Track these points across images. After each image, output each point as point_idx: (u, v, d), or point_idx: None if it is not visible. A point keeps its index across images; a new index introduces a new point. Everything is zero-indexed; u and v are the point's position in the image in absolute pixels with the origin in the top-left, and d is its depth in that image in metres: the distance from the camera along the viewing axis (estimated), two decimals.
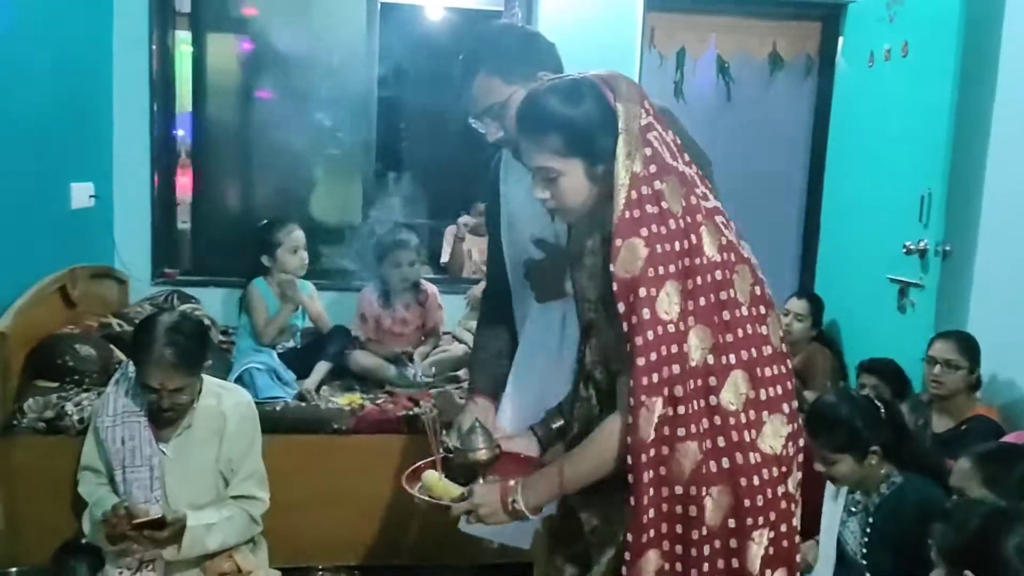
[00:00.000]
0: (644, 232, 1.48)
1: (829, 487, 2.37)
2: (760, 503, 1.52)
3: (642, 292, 1.47)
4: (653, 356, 1.46)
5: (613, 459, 1.52)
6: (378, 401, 2.96)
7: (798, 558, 1.64)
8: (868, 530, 2.22)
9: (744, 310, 1.57)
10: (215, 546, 2.35)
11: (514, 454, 1.81)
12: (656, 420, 1.47)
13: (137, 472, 2.35)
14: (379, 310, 3.38)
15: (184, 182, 4.00)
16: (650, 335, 1.46)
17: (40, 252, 3.00)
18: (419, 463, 1.87)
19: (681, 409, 1.48)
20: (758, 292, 1.60)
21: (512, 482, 1.64)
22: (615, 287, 1.48)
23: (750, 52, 4.28)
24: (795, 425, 1.61)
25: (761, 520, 1.53)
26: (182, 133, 3.97)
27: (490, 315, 2.20)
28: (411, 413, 2.83)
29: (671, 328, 1.48)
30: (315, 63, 3.98)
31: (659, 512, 1.49)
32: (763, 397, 1.55)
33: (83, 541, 2.51)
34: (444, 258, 4.18)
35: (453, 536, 2.27)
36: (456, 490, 1.72)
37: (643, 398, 1.47)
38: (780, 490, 1.56)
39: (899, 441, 2.24)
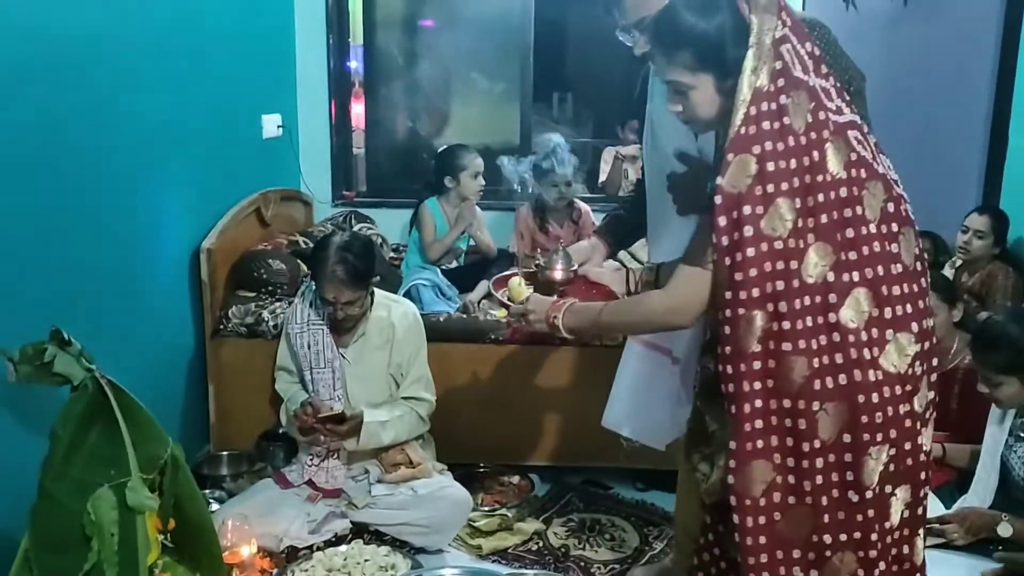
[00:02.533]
0: (757, 149, 1.47)
1: (994, 409, 2.28)
2: (879, 420, 1.51)
3: (747, 210, 1.47)
4: (753, 272, 1.47)
5: (643, 324, 1.69)
6: None
7: (922, 475, 1.62)
8: None
9: (872, 227, 1.53)
10: (389, 440, 2.59)
11: (597, 284, 1.97)
12: (760, 333, 1.48)
13: (322, 373, 2.63)
14: (534, 228, 3.50)
15: (358, 111, 4.21)
16: (750, 252, 1.47)
17: (238, 178, 3.30)
18: (509, 271, 2.12)
19: (787, 324, 1.48)
20: (891, 209, 1.56)
21: (563, 301, 1.80)
22: (718, 200, 1.48)
23: None
24: (925, 344, 1.58)
25: (880, 436, 1.52)
26: (355, 64, 4.16)
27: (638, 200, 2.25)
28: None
29: (778, 245, 1.48)
30: None
31: (767, 424, 1.51)
32: (888, 315, 1.53)
33: (280, 431, 2.84)
34: (602, 177, 4.24)
35: (601, 440, 2.41)
36: (523, 296, 1.94)
37: (741, 311, 1.49)
38: (903, 408, 1.54)
39: None
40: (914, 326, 1.56)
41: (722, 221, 1.49)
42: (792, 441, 1.52)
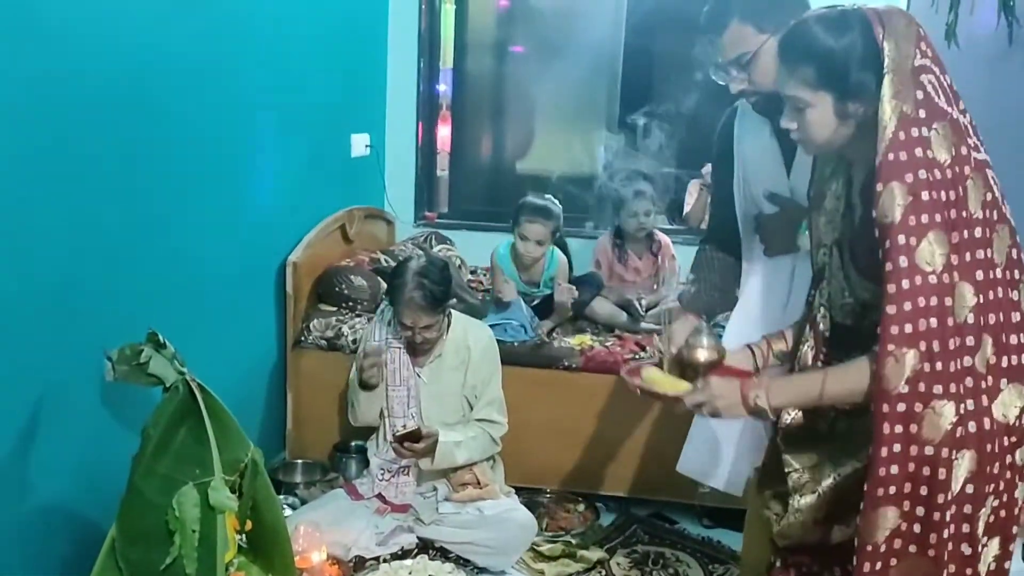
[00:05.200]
0: (908, 177, 1.39)
1: None
2: (996, 471, 1.46)
3: (900, 240, 1.38)
4: (907, 306, 1.38)
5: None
6: (607, 344, 3.07)
7: (1013, 529, 1.54)
8: None
9: (999, 272, 1.46)
10: (462, 460, 2.62)
11: (729, 366, 1.76)
12: (909, 373, 1.39)
13: (398, 391, 2.68)
14: (613, 258, 3.49)
15: (444, 133, 4.29)
16: (905, 284, 1.38)
17: (326, 195, 3.40)
18: (637, 362, 1.89)
19: (939, 366, 1.40)
20: (1014, 255, 1.49)
21: (755, 379, 1.63)
22: (876, 232, 1.41)
23: None
24: None
25: (991, 487, 1.47)
26: (443, 88, 4.25)
27: (709, 253, 2.20)
28: (637, 356, 2.96)
29: (932, 279, 1.39)
30: (566, 15, 4.10)
31: (903, 470, 1.42)
32: (1004, 364, 1.46)
33: (353, 443, 2.93)
34: (686, 209, 4.22)
35: (669, 474, 2.39)
36: (683, 384, 1.68)
37: (891, 347, 1.39)
38: (1008, 459, 1.49)
39: None
40: None
41: (880, 253, 1.41)
42: (927, 490, 1.43)
